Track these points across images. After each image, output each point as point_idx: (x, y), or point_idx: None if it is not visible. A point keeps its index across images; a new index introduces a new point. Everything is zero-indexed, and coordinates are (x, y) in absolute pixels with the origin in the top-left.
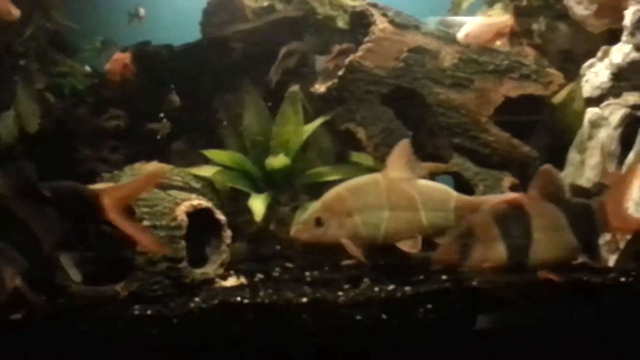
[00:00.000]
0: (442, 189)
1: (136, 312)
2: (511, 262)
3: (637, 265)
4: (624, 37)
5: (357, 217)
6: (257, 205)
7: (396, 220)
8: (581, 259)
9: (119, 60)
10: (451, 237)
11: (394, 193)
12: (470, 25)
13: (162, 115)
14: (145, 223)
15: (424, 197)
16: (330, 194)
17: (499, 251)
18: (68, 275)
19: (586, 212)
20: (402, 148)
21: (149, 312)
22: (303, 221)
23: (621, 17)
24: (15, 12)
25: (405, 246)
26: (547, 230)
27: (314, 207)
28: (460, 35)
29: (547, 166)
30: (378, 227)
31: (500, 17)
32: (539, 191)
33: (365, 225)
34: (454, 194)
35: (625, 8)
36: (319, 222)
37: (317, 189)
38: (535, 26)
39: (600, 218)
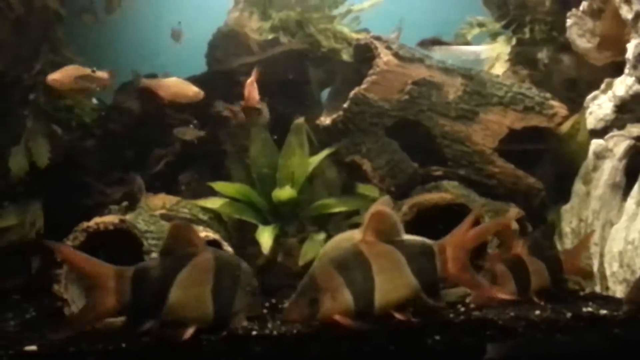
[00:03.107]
0: None
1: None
2: (359, 308)
3: None
4: (626, 70)
5: None
6: (265, 237)
7: None
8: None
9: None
10: (296, 293)
11: None
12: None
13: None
14: (153, 255)
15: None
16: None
17: (345, 299)
18: None
19: (426, 253)
20: None
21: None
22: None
23: (624, 50)
24: (200, 93)
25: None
26: (387, 272)
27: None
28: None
29: (380, 208)
30: None
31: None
32: (375, 233)
33: None
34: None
35: (628, 41)
36: None
37: (324, 220)
38: (539, 56)
39: (441, 260)
